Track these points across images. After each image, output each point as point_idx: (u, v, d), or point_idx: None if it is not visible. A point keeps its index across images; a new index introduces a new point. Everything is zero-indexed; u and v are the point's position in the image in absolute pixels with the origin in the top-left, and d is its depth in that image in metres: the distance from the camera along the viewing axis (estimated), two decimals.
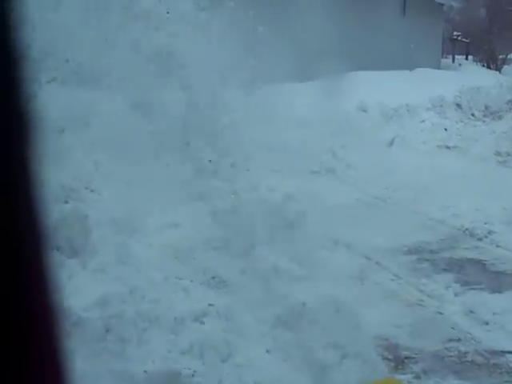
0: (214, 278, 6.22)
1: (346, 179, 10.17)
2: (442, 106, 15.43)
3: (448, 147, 13.69)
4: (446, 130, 14.64)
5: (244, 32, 13.46)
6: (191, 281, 5.96)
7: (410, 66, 19.54)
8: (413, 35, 22.55)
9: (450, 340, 5.20)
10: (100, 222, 6.90)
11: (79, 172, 7.72)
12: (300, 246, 6.13)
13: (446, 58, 31.01)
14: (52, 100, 8.53)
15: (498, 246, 7.55)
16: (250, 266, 5.74)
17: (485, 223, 8.22)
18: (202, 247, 6.80)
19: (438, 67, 24.15)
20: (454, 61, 30.74)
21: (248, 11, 10.33)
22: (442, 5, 25.82)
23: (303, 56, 15.48)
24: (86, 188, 7.57)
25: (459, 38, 32.04)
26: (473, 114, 15.22)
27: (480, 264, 6.99)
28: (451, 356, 4.95)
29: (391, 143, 12.69)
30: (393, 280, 6.37)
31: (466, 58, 32.42)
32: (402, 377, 4.61)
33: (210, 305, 5.25)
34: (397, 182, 10.10)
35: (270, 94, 12.62)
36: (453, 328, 5.42)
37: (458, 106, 15.82)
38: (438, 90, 15.45)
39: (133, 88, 6.24)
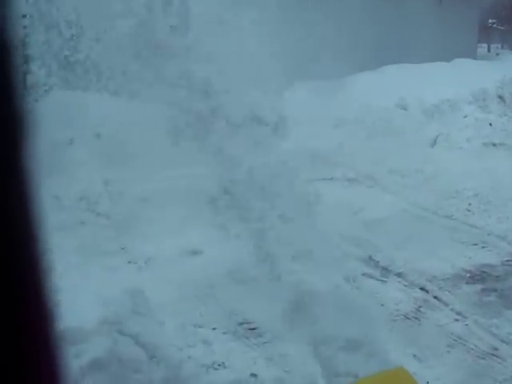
0: (241, 323, 5.15)
1: (388, 186, 9.03)
2: (484, 99, 14.27)
3: (494, 144, 12.49)
4: (490, 125, 13.48)
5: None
6: (213, 329, 4.91)
7: (446, 56, 18.29)
8: (449, 24, 21.28)
9: None
10: (108, 252, 5.92)
11: (86, 191, 6.71)
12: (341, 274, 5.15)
13: (481, 47, 29.62)
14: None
15: None
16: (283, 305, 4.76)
17: None
18: (227, 281, 5.74)
19: (475, 57, 22.81)
20: (489, 50, 29.37)
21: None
22: None
23: (334, 50, 14.47)
24: (92, 211, 6.55)
25: (494, 26, 30.59)
26: None
27: None
28: None
29: (434, 143, 11.51)
30: (457, 320, 5.25)
31: (502, 47, 30.98)
32: None
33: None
34: (445, 189, 8.96)
35: (301, 93, 11.61)
36: None
37: (501, 98, 14.65)
38: (478, 82, 14.25)
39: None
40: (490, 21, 30.81)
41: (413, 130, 11.07)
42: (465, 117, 13.53)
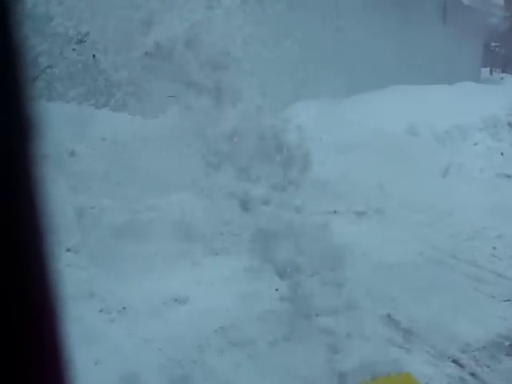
0: None
1: (400, 223, 8.01)
2: (495, 125, 13.40)
3: (508, 176, 11.57)
4: (502, 154, 12.59)
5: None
6: None
7: (450, 79, 17.45)
8: (453, 45, 20.43)
9: None
10: (75, 297, 4.89)
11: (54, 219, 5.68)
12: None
13: (482, 70, 28.78)
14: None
15: None
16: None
17: None
18: (219, 342, 4.71)
19: (478, 81, 21.95)
20: (491, 73, 28.53)
21: None
22: (484, 12, 23.55)
23: (335, 70, 13.61)
24: (60, 245, 5.48)
25: (497, 49, 29.78)
26: None
27: None
28: None
29: (446, 172, 10.53)
30: None
31: (503, 71, 30.16)
32: None
33: None
34: (463, 228, 7.98)
35: (302, 112, 10.62)
36: None
37: (510, 125, 13.79)
38: (487, 107, 13.36)
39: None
40: (493, 44, 30.01)
41: (424, 158, 10.08)
42: (475, 144, 12.65)
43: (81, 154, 6.79)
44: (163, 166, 7.07)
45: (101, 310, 4.92)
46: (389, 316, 5.35)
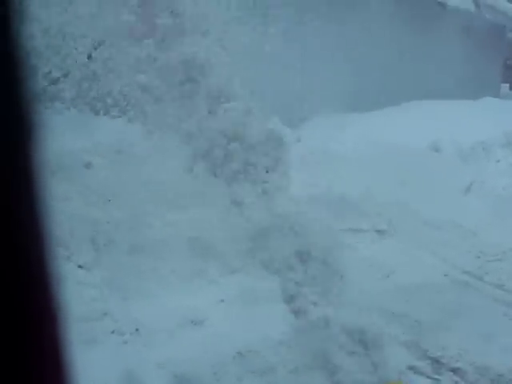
0: None
1: (422, 242, 7.74)
2: None
3: None
4: None
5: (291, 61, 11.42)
6: None
7: (471, 94, 17.15)
8: (474, 60, 20.15)
9: None
10: (87, 317, 4.67)
11: (66, 235, 5.42)
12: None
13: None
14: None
15: None
16: None
17: None
18: (236, 369, 4.45)
19: (498, 96, 21.63)
20: (511, 88, 28.16)
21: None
22: (504, 27, 23.24)
23: (357, 83, 13.39)
24: (72, 261, 5.26)
25: None
26: None
27: None
28: None
29: (468, 190, 10.25)
30: None
31: None
32: None
33: None
34: (489, 249, 7.71)
35: (320, 127, 10.39)
36: None
37: None
38: (509, 123, 13.05)
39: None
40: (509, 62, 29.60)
41: (447, 175, 9.80)
42: (498, 161, 12.34)
43: (97, 166, 6.57)
44: (178, 179, 6.84)
45: (113, 331, 4.69)
46: (415, 343, 5.08)
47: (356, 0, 13.71)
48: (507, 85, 28.77)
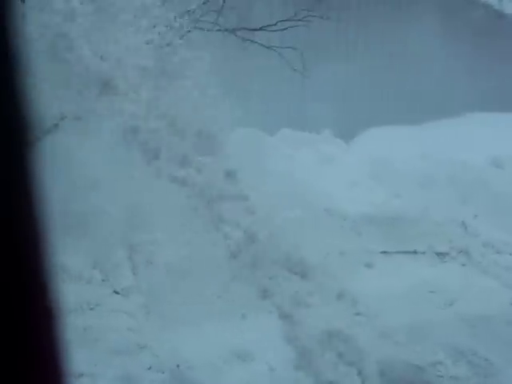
0: None
1: (486, 266, 7.15)
2: None
3: None
4: None
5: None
6: None
7: None
8: None
9: None
10: (123, 351, 4.23)
11: (102, 257, 5.01)
12: None
13: None
14: None
15: None
16: None
17: None
18: None
19: None
20: None
21: None
22: None
23: (411, 94, 12.86)
24: (109, 286, 4.82)
25: None
26: None
27: None
28: None
29: None
30: None
31: None
32: None
33: None
34: None
35: (373, 140, 9.89)
36: None
37: None
38: None
39: None
40: None
41: (510, 193, 9.17)
42: None
43: None
44: None
45: (150, 368, 4.23)
46: None
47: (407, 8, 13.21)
48: None
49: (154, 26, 5.94)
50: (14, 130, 0.69)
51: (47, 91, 4.55)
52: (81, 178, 5.16)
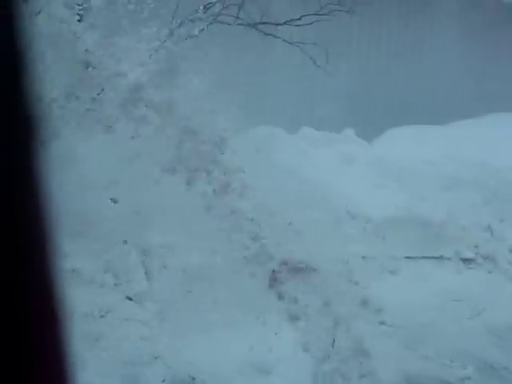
0: None
1: None
2: None
3: None
4: None
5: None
6: None
7: None
8: None
9: None
10: (136, 362, 3.99)
11: (114, 262, 4.76)
12: None
13: None
14: None
15: None
16: None
17: None
18: None
19: None
20: None
21: None
22: None
23: (432, 92, 12.56)
24: (121, 292, 4.58)
25: None
26: None
27: None
28: None
29: None
30: None
31: None
32: None
33: None
34: None
35: (397, 141, 9.61)
36: None
37: None
38: None
39: None
40: None
41: None
42: None
43: None
44: None
45: (164, 380, 3.99)
46: None
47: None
48: None
49: (172, 20, 5.74)
50: (21, 130, 0.68)
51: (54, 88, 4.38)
52: (92, 178, 4.93)
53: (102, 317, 4.31)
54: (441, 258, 6.91)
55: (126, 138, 5.20)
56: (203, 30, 6.29)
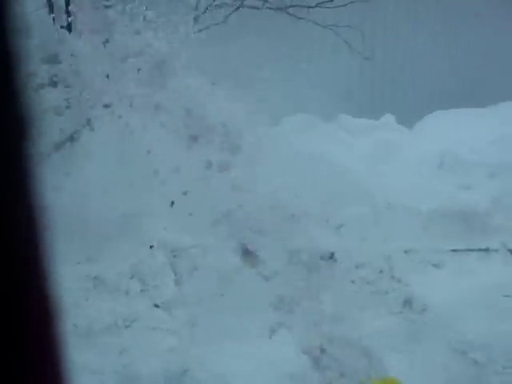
0: None
1: None
2: None
3: None
4: None
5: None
6: None
7: None
8: None
9: None
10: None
11: (140, 264, 4.50)
12: None
13: None
14: None
15: None
16: None
17: None
18: None
19: None
20: None
21: None
22: None
23: (471, 74, 12.13)
24: (149, 298, 4.33)
25: None
26: None
27: None
28: None
29: None
30: None
31: None
32: None
33: None
34: None
35: (440, 126, 9.22)
36: None
37: None
38: None
39: None
40: None
41: None
42: None
43: None
44: None
45: None
46: None
47: None
48: None
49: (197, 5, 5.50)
50: (14, 131, 0.66)
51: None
52: (116, 178, 4.68)
53: (126, 327, 4.05)
54: (487, 250, 6.56)
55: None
56: (230, 15, 6.02)
